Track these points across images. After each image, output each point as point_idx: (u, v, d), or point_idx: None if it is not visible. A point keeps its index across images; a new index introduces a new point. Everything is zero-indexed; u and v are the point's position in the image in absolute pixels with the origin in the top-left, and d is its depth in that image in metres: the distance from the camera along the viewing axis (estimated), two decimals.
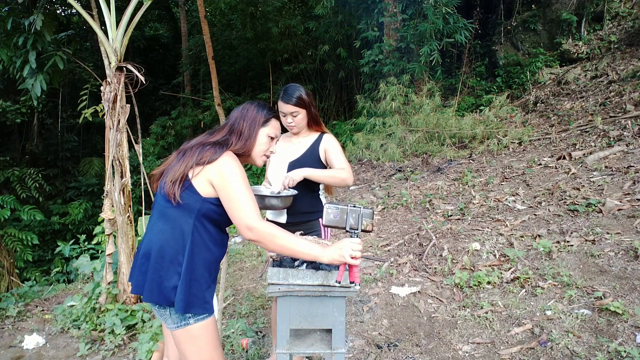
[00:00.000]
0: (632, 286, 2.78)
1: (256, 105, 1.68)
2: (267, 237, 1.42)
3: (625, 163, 4.57)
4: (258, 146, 1.64)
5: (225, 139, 1.59)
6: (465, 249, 3.72)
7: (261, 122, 1.64)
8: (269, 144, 1.68)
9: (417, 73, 7.61)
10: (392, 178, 6.44)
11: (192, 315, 1.49)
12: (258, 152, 1.65)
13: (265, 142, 1.66)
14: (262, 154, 1.67)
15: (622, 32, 7.58)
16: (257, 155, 1.66)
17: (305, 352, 1.64)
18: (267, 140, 1.66)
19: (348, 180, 2.19)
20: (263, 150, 1.66)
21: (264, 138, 1.65)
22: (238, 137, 1.60)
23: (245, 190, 1.45)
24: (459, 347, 2.62)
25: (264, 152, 1.67)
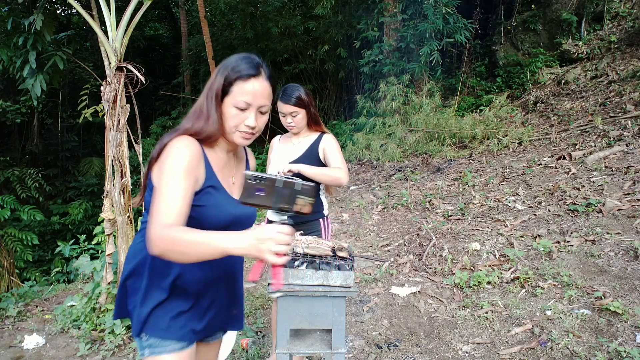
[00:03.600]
0: (632, 286, 2.78)
1: (222, 67, 1.27)
2: (167, 245, 1.06)
3: (625, 163, 4.57)
4: (227, 121, 1.25)
5: (185, 122, 1.29)
6: (465, 249, 3.72)
7: (219, 92, 1.23)
8: (241, 115, 1.24)
9: (417, 73, 7.61)
10: (392, 178, 6.43)
11: (148, 345, 1.24)
12: (229, 128, 1.25)
13: (234, 115, 1.23)
14: (235, 130, 1.25)
15: (622, 32, 7.57)
16: (230, 133, 1.26)
17: (305, 352, 1.64)
18: (236, 112, 1.23)
19: (342, 179, 2.18)
20: (234, 124, 1.24)
21: (231, 110, 1.23)
22: (197, 116, 1.26)
23: (168, 188, 1.12)
24: (459, 347, 2.62)
25: (237, 127, 1.24)
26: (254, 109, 1.24)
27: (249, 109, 1.23)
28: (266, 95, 1.25)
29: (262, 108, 1.26)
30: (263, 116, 1.28)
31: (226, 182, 1.32)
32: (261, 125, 1.28)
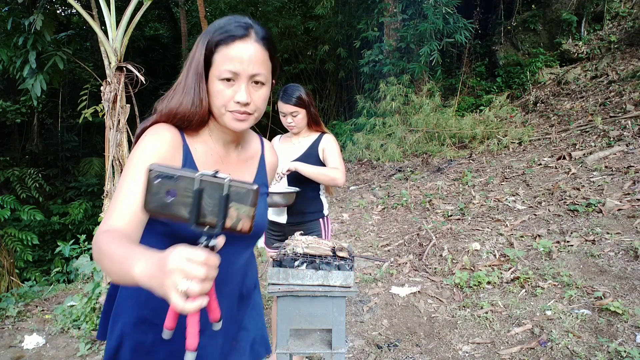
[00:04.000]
0: (632, 286, 2.78)
1: (203, 34, 1.02)
2: (96, 255, 0.83)
3: (625, 163, 4.57)
4: (213, 101, 0.99)
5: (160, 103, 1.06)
6: (465, 249, 3.72)
7: (200, 65, 0.97)
8: (229, 89, 0.97)
9: (417, 73, 7.61)
10: (392, 178, 6.43)
11: None
12: (217, 109, 0.99)
13: (220, 91, 0.97)
14: (225, 111, 0.99)
15: (622, 32, 7.57)
16: (220, 115, 1.00)
17: (305, 352, 1.64)
18: (222, 86, 0.97)
19: (338, 180, 2.18)
20: (222, 102, 0.97)
21: (217, 85, 0.97)
22: (172, 96, 1.02)
23: (123, 184, 0.92)
24: (459, 347, 2.62)
25: (225, 106, 0.98)
26: (243, 79, 0.96)
27: (237, 80, 0.96)
28: (259, 60, 0.97)
29: (255, 77, 0.97)
30: (260, 89, 0.99)
31: None
32: (258, 102, 0.99)
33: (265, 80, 1.00)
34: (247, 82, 0.97)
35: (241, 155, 1.14)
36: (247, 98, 0.96)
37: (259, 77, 0.98)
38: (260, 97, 1.00)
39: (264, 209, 1.15)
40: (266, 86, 1.01)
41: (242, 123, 1.00)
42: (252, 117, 1.01)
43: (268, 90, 1.03)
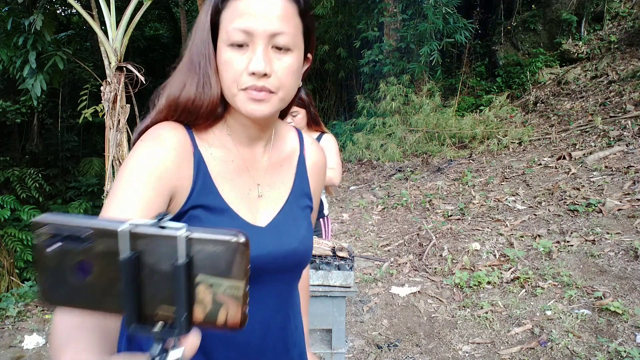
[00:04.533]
0: (632, 286, 2.78)
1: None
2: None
3: (625, 163, 4.57)
4: (223, 78, 0.72)
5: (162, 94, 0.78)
6: (465, 249, 3.72)
7: (206, 28, 0.73)
8: (241, 58, 0.70)
9: (417, 73, 7.61)
10: (392, 178, 6.43)
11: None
12: (228, 89, 0.72)
13: (229, 60, 0.71)
14: (237, 90, 0.71)
15: (622, 32, 7.57)
16: (231, 96, 0.72)
17: None
18: (231, 54, 0.70)
19: (334, 179, 2.19)
20: (233, 76, 0.71)
21: (226, 54, 0.71)
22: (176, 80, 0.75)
23: (111, 202, 0.66)
24: (459, 347, 2.62)
25: (237, 81, 0.70)
26: (260, 40, 0.68)
27: (251, 44, 0.69)
28: (282, 14, 0.69)
29: (277, 38, 0.68)
30: (284, 57, 0.70)
31: (241, 195, 0.77)
32: (283, 75, 0.70)
33: (292, 44, 0.70)
34: (265, 45, 0.68)
35: (273, 157, 0.83)
36: (264, 66, 0.67)
37: (282, 37, 0.68)
38: (286, 67, 0.70)
39: (307, 231, 0.82)
40: (295, 53, 0.71)
41: (261, 105, 0.69)
42: (275, 97, 0.70)
43: (299, 61, 0.73)
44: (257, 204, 0.80)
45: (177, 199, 0.72)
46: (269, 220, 0.79)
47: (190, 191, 0.72)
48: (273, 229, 0.78)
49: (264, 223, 0.78)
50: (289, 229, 0.80)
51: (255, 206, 0.79)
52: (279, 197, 0.82)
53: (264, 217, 0.79)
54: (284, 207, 0.82)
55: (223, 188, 0.75)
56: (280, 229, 0.79)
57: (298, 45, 0.73)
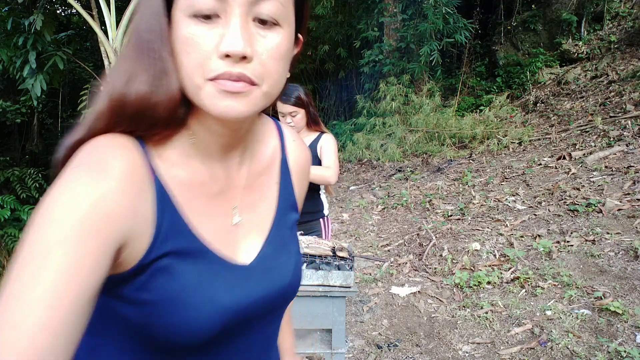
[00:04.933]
0: (632, 286, 2.78)
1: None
2: None
3: (625, 163, 4.57)
4: (182, 63, 0.49)
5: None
6: (465, 249, 3.72)
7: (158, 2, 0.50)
8: (208, 34, 0.48)
9: (417, 73, 7.61)
10: (392, 178, 6.43)
11: None
12: (189, 77, 0.49)
13: (191, 37, 0.48)
14: (201, 76, 0.48)
15: (622, 32, 7.57)
16: (192, 87, 0.49)
17: (305, 352, 1.64)
18: (194, 30, 0.48)
19: (329, 178, 2.19)
20: (196, 59, 0.48)
21: (184, 28, 0.48)
22: (118, 73, 0.51)
23: (22, 278, 0.41)
24: (459, 347, 2.62)
25: (203, 66, 0.48)
26: (237, 8, 0.48)
27: (223, 14, 0.48)
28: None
29: (261, 7, 0.49)
30: (271, 32, 0.51)
31: (218, 226, 0.59)
32: (267, 56, 0.50)
33: (282, 16, 0.50)
34: (244, 17, 0.48)
35: (253, 165, 0.64)
36: (243, 45, 0.47)
37: (268, 6, 0.49)
38: (272, 48, 0.50)
39: (298, 256, 0.68)
40: (284, 30, 0.51)
41: (238, 101, 0.49)
42: (258, 90, 0.50)
43: (289, 41, 0.53)
44: (237, 235, 0.60)
45: (130, 250, 0.48)
46: (255, 254, 0.61)
47: (153, 237, 0.50)
48: (261, 266, 0.61)
49: (248, 259, 0.60)
50: (280, 262, 0.64)
51: (234, 238, 0.60)
52: (262, 220, 0.64)
53: (248, 250, 0.61)
54: (270, 233, 0.64)
55: (195, 222, 0.55)
56: (269, 264, 0.62)
57: (289, 20, 0.52)
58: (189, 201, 0.55)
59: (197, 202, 0.56)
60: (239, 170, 0.63)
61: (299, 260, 0.69)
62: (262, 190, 0.66)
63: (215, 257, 0.57)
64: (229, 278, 0.57)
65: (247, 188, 0.64)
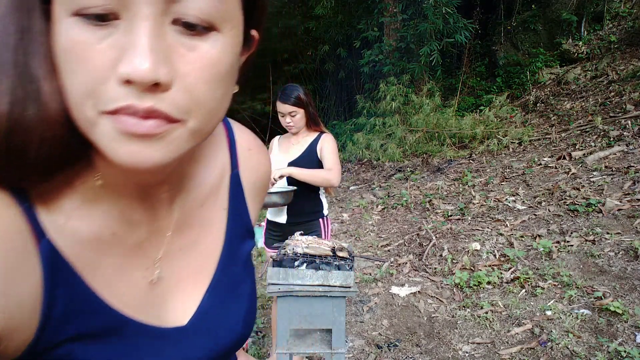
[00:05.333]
0: (632, 286, 2.78)
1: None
2: None
3: (625, 163, 4.57)
4: (64, 76, 0.33)
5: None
6: (465, 249, 3.72)
7: None
8: (100, 41, 0.32)
9: (417, 73, 7.62)
10: (392, 178, 6.44)
11: None
12: (75, 102, 0.33)
13: (72, 46, 0.32)
14: (92, 106, 0.33)
15: (622, 32, 7.57)
16: (82, 119, 0.33)
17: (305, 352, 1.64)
18: (81, 34, 0.31)
19: (332, 180, 2.19)
20: (85, 81, 0.32)
21: (67, 32, 0.32)
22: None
23: None
24: (459, 347, 2.62)
25: (93, 92, 0.32)
26: (146, 8, 0.31)
27: (124, 14, 0.32)
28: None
29: (183, 5, 0.33)
30: (202, 41, 0.35)
31: (140, 287, 0.46)
32: (195, 78, 0.35)
33: (219, 17, 0.35)
34: (155, 21, 0.32)
35: (191, 197, 0.50)
36: (152, 66, 0.31)
37: (195, 3, 0.34)
38: (203, 66, 0.35)
39: (252, 297, 0.57)
40: (225, 35, 0.36)
41: (149, 147, 0.34)
42: (182, 130, 0.36)
43: (232, 51, 0.38)
44: (166, 291, 0.48)
45: (7, 342, 0.36)
46: (193, 311, 0.49)
47: (39, 324, 0.38)
48: (201, 324, 0.49)
49: (184, 318, 0.49)
50: (227, 313, 0.52)
51: (162, 296, 0.48)
52: (203, 263, 0.51)
53: (183, 308, 0.49)
54: (214, 277, 0.51)
55: (107, 288, 0.42)
56: (213, 319, 0.50)
57: (232, 19, 0.37)
58: (95, 262, 0.41)
59: (109, 261, 0.43)
60: (170, 208, 0.47)
61: (252, 303, 0.56)
62: (203, 225, 0.51)
63: (138, 327, 0.44)
64: (158, 348, 0.45)
65: (181, 228, 0.49)
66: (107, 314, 0.42)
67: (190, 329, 0.48)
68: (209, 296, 0.51)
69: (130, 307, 0.44)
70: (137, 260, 0.45)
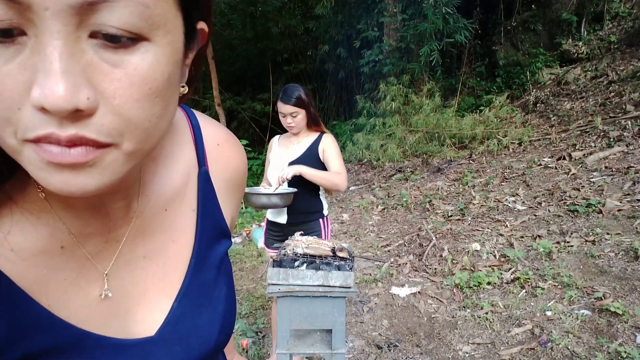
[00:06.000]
0: (632, 287, 2.78)
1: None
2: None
3: (625, 163, 4.57)
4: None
5: None
6: (465, 249, 3.72)
7: None
8: (7, 62, 0.28)
9: (417, 73, 7.62)
10: (392, 178, 6.43)
11: None
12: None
13: None
14: (12, 132, 0.29)
15: (622, 32, 7.57)
16: (4, 145, 0.31)
17: (306, 353, 1.64)
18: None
19: (341, 185, 2.20)
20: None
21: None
22: None
23: None
24: (459, 348, 2.62)
25: (9, 120, 0.29)
26: (52, 22, 0.27)
27: (28, 28, 0.27)
28: None
29: (101, 15, 0.28)
30: (129, 54, 0.30)
31: (96, 299, 0.43)
32: (123, 96, 0.30)
33: (147, 24, 0.30)
34: (70, 36, 0.28)
35: (152, 200, 0.47)
36: (68, 93, 0.27)
37: (115, 14, 0.28)
38: (132, 84, 0.30)
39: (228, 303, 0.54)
40: (157, 43, 0.31)
41: (80, 174, 0.31)
42: (116, 152, 0.32)
43: (169, 58, 0.33)
44: (131, 301, 0.46)
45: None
46: (162, 320, 0.47)
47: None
48: (172, 334, 0.47)
49: (153, 329, 0.46)
50: (201, 320, 0.49)
51: (126, 306, 0.45)
52: (170, 272, 0.48)
53: (152, 317, 0.47)
54: (183, 285, 0.48)
55: (62, 304, 0.41)
56: (184, 328, 0.48)
57: (162, 20, 0.31)
58: (45, 278, 0.39)
59: (61, 275, 0.40)
60: (127, 215, 0.44)
61: (230, 306, 0.53)
62: (169, 230, 0.48)
63: (99, 340, 0.42)
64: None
65: (143, 235, 0.46)
66: (61, 330, 0.40)
67: (159, 339, 0.46)
68: (179, 304, 0.48)
69: (89, 321, 0.42)
70: (93, 273, 0.42)
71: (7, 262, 0.37)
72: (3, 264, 0.37)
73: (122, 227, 0.44)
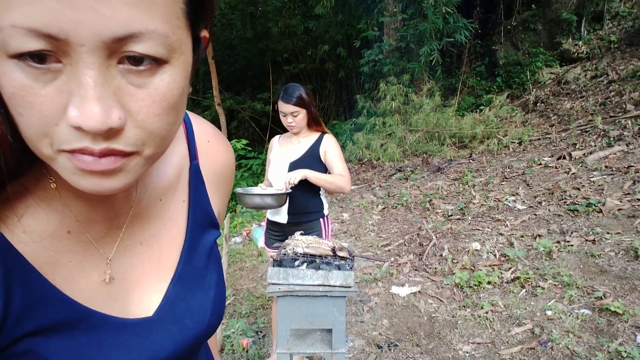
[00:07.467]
0: (633, 286, 2.78)
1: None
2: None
3: (625, 163, 4.57)
4: (16, 117, 0.34)
5: None
6: (466, 248, 3.72)
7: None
8: (45, 85, 0.31)
9: (417, 73, 7.62)
10: (392, 178, 6.43)
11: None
12: (31, 139, 0.34)
13: (17, 91, 0.32)
14: (49, 145, 0.34)
15: (622, 32, 7.57)
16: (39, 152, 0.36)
17: (306, 352, 1.64)
18: (19, 78, 0.31)
19: (345, 188, 2.21)
20: (37, 124, 0.33)
21: (9, 73, 0.31)
22: None
23: None
24: (459, 347, 2.62)
25: (48, 134, 0.34)
26: (89, 53, 0.31)
27: (62, 56, 0.31)
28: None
29: (130, 44, 0.32)
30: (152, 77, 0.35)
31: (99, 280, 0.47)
32: (147, 113, 0.35)
33: (168, 50, 0.35)
34: (102, 66, 0.32)
35: (149, 191, 0.51)
36: (102, 118, 0.32)
37: (143, 40, 0.33)
38: (154, 102, 0.36)
39: (218, 288, 0.58)
40: (174, 64, 0.36)
41: (108, 180, 0.37)
42: (138, 159, 0.38)
43: (182, 76, 0.37)
44: (129, 283, 0.49)
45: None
46: (159, 302, 0.50)
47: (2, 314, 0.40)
48: (168, 315, 0.50)
49: (150, 310, 0.50)
50: (194, 302, 0.53)
51: (125, 288, 0.49)
52: (164, 257, 0.52)
53: (149, 299, 0.50)
54: (178, 268, 0.52)
55: (67, 282, 0.44)
56: (179, 310, 0.51)
57: (179, 44, 0.36)
58: (54, 259, 0.43)
59: (67, 257, 0.44)
60: (127, 204, 0.49)
61: (220, 291, 0.57)
62: (163, 219, 0.52)
63: (102, 318, 0.45)
64: (124, 340, 0.46)
65: (141, 222, 0.50)
66: (69, 307, 0.44)
67: (156, 319, 0.50)
68: (174, 287, 0.52)
69: (93, 300, 0.46)
70: (96, 257, 0.47)
71: (21, 243, 0.41)
72: (17, 244, 0.41)
73: (122, 215, 0.49)
